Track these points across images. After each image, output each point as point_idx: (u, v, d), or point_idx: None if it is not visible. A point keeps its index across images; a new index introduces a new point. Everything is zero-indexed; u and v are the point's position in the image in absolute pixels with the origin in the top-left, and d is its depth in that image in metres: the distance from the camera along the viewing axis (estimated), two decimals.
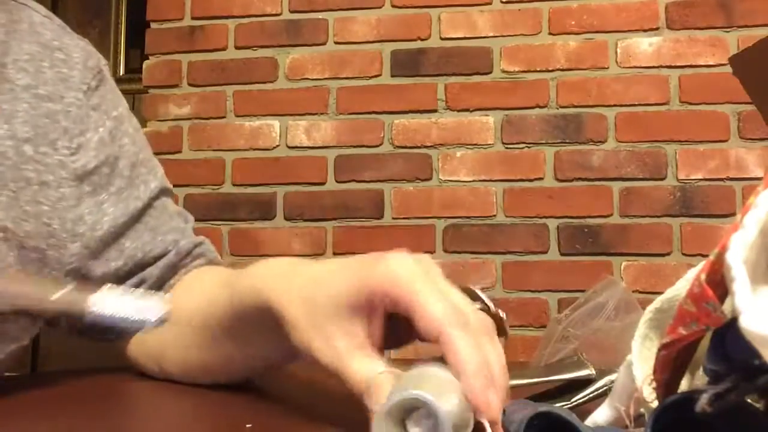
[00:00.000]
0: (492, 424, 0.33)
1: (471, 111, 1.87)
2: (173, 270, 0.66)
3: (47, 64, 0.60)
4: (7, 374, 0.61)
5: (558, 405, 0.45)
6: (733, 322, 0.22)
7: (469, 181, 1.85)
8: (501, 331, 0.43)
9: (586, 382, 0.48)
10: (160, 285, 0.66)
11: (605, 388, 0.45)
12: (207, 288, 0.60)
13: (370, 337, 0.42)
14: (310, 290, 0.45)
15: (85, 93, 0.61)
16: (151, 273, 0.65)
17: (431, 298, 0.39)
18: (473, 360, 0.36)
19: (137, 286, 0.64)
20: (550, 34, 1.86)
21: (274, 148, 1.94)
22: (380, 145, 1.89)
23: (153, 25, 2.02)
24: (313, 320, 0.43)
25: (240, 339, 0.54)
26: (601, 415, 0.36)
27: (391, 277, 0.40)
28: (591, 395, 0.46)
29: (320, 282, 0.45)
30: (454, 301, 0.40)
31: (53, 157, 0.59)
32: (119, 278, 0.63)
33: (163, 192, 0.67)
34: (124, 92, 0.71)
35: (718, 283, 0.24)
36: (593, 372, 0.48)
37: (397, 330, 0.43)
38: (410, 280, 0.40)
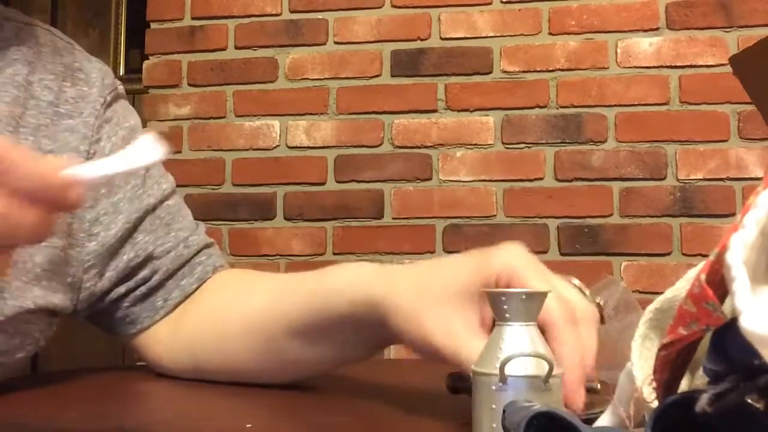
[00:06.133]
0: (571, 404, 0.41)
1: (471, 111, 1.87)
2: (184, 264, 0.68)
3: (69, 83, 0.65)
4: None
5: None
6: (733, 322, 0.22)
7: (469, 181, 1.85)
8: (601, 319, 0.48)
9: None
10: (170, 276, 0.67)
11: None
12: (262, 291, 0.64)
13: (482, 321, 0.47)
14: (419, 281, 0.50)
15: (102, 105, 0.66)
16: (163, 264, 0.67)
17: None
18: (575, 358, 0.43)
19: (149, 278, 0.66)
20: (550, 34, 1.86)
21: (274, 148, 1.94)
22: (380, 145, 1.89)
23: (153, 25, 2.02)
24: (426, 306, 0.48)
25: (313, 340, 0.57)
26: (604, 421, 0.36)
27: (507, 265, 0.46)
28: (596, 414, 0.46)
29: (431, 273, 0.50)
30: (565, 294, 0.46)
31: (77, 159, 0.62)
32: (132, 269, 0.65)
33: (176, 192, 0.71)
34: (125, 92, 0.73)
35: (718, 283, 0.24)
36: (598, 385, 0.49)
37: None
38: (525, 271, 0.45)
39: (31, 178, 0.34)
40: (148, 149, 0.38)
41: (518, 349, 0.37)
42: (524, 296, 0.38)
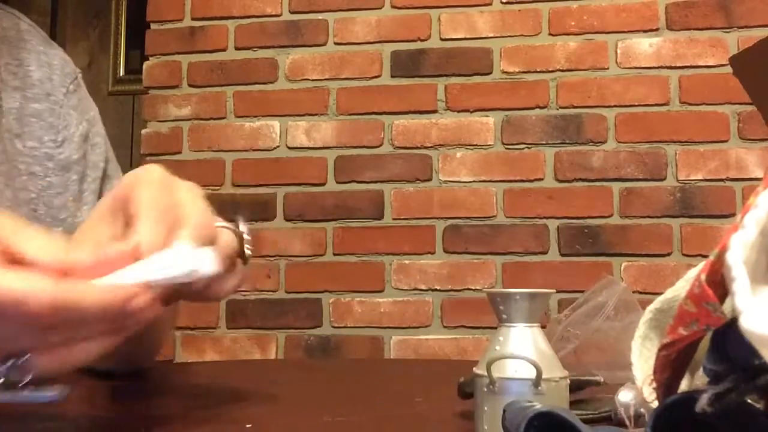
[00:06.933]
0: None
1: (471, 111, 1.87)
2: None
3: (34, 68, 0.69)
4: None
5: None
6: (733, 322, 0.22)
7: (469, 182, 1.85)
8: (242, 255, 0.47)
9: (590, 382, 0.48)
10: None
11: (609, 411, 0.45)
12: None
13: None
14: None
15: (65, 95, 0.70)
16: None
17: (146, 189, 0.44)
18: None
19: None
20: (550, 34, 1.86)
21: (274, 148, 1.94)
22: (380, 145, 1.89)
23: (153, 26, 2.02)
24: None
25: None
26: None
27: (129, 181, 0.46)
28: (596, 415, 0.46)
29: None
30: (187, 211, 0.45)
31: (40, 150, 0.67)
32: None
33: None
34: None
35: (719, 283, 0.24)
36: (601, 378, 0.49)
37: None
38: (141, 182, 0.45)
39: (88, 313, 0.37)
40: (204, 261, 0.40)
41: (517, 351, 0.37)
42: (524, 297, 0.38)
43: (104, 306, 0.37)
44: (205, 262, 0.40)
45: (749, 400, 0.26)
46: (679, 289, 0.35)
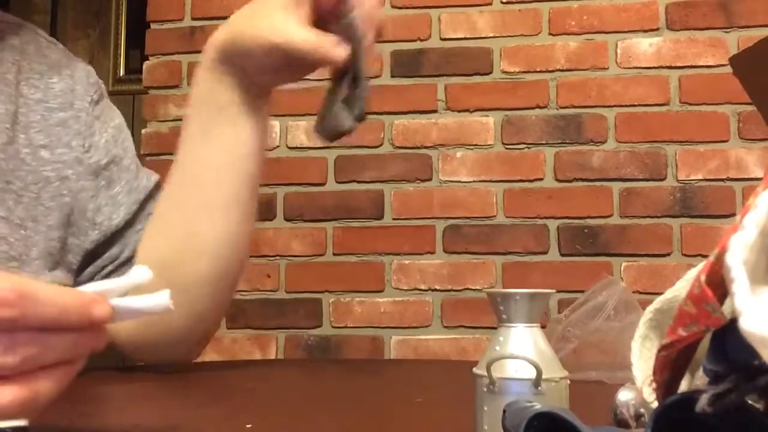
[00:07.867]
0: None
1: (471, 111, 1.87)
2: None
3: (56, 79, 0.69)
4: None
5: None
6: (733, 323, 0.22)
7: (469, 182, 1.85)
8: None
9: None
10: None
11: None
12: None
13: (308, 20, 0.64)
14: (251, 8, 0.67)
15: (90, 104, 0.71)
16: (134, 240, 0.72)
17: None
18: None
19: (117, 256, 0.71)
20: (550, 34, 1.86)
21: (275, 148, 1.94)
22: (380, 145, 1.89)
23: (153, 26, 2.02)
24: (258, 19, 0.66)
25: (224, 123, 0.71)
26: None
27: None
28: None
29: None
30: None
31: (70, 155, 0.67)
32: (122, 263, 0.70)
33: (159, 186, 0.77)
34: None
35: (718, 284, 0.24)
36: None
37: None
38: None
39: (48, 311, 0.34)
40: (139, 275, 0.40)
41: (517, 352, 0.37)
42: (524, 297, 0.38)
43: (65, 304, 0.34)
44: (158, 301, 0.38)
45: (749, 400, 0.26)
46: (679, 289, 0.35)
